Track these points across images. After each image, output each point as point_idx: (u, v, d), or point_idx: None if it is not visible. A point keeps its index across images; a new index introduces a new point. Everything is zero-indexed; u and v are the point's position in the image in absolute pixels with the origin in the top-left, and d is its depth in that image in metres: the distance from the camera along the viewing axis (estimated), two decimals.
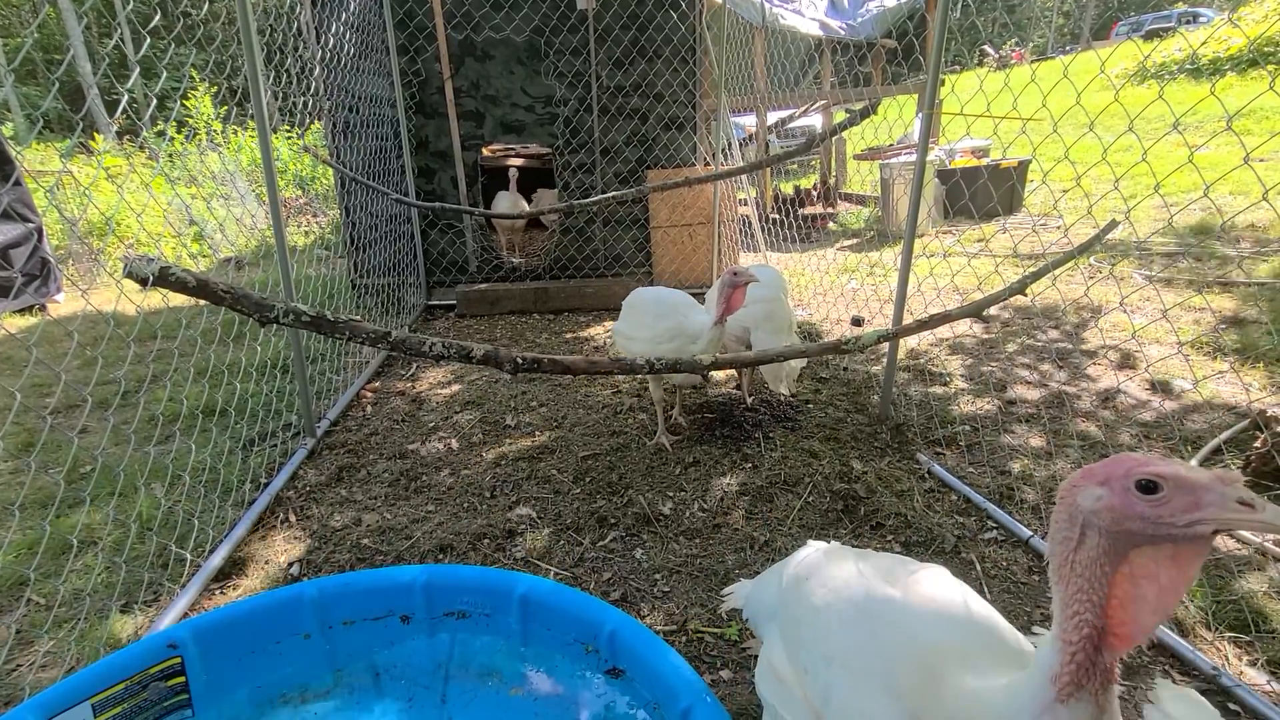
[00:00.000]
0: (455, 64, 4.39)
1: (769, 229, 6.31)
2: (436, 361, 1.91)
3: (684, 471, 2.48)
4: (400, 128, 4.37)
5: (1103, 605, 0.67)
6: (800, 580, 1.02)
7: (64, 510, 2.29)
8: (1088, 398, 2.86)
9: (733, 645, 1.69)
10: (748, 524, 2.15)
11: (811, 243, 6.85)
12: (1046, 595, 1.81)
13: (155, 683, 1.27)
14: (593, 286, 4.66)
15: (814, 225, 7.67)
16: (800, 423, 2.81)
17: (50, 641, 1.70)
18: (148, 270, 1.67)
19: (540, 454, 2.64)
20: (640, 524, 2.17)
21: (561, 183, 4.70)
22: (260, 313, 1.75)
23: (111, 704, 1.21)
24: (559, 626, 1.44)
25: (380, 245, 4.09)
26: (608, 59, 4.45)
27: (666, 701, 1.24)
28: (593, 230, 4.82)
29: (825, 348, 2.13)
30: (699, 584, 1.90)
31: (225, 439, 2.62)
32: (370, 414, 3.05)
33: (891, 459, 2.51)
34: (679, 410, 2.89)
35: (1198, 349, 3.20)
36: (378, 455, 2.66)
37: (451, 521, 2.21)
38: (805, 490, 2.31)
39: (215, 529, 2.11)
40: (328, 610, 1.46)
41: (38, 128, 1.96)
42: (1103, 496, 0.66)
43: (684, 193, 4.72)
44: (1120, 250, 4.69)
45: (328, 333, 1.83)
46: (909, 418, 2.76)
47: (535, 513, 2.25)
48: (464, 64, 4.40)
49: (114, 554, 1.97)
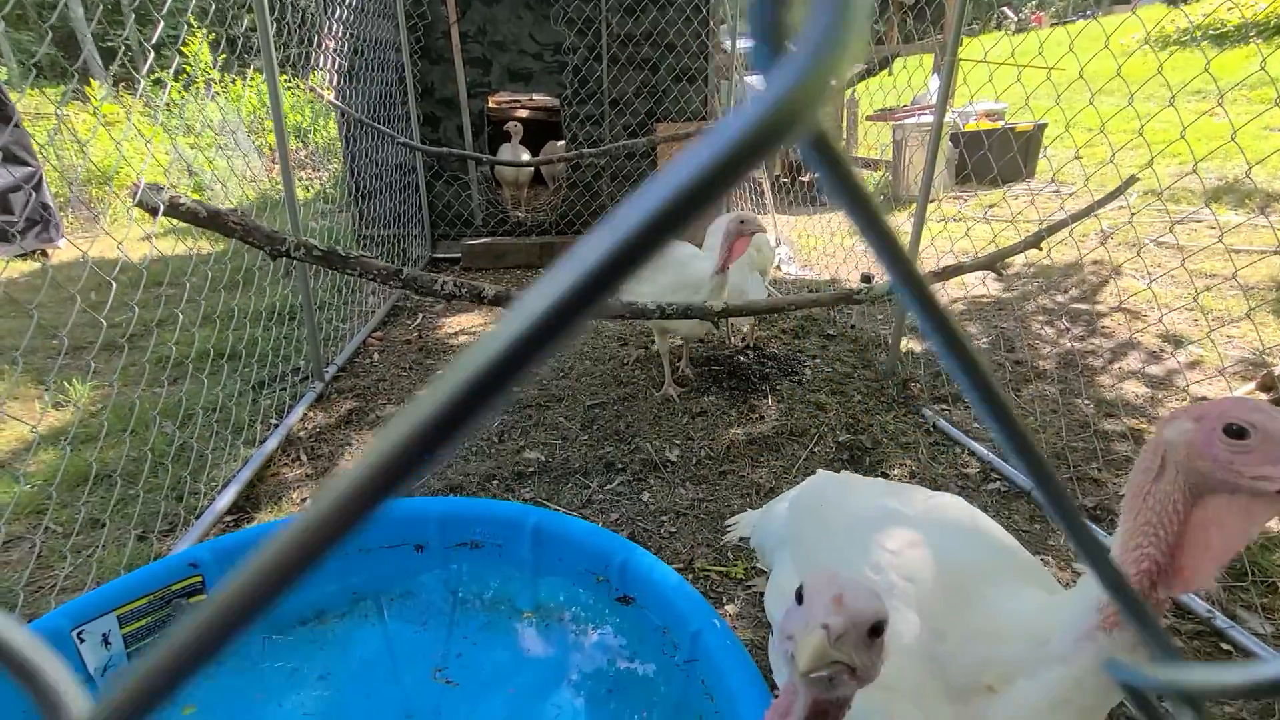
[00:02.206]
0: (461, 7, 4.26)
1: (778, 191, 6.22)
2: (447, 301, 1.90)
3: (691, 421, 2.49)
4: (405, 73, 4.27)
5: (1169, 543, 0.65)
6: (814, 503, 1.03)
7: (76, 445, 2.31)
8: (1099, 357, 2.86)
9: (738, 583, 1.73)
10: (754, 471, 2.18)
11: (820, 205, 6.76)
12: (1048, 544, 1.84)
13: (178, 599, 1.30)
14: None
15: (823, 189, 7.55)
16: (807, 377, 2.81)
17: (70, 566, 1.73)
18: (158, 200, 1.65)
19: (548, 402, 2.65)
20: (647, 469, 2.20)
21: (569, 134, 4.61)
22: (271, 245, 1.74)
23: (136, 616, 1.24)
24: (570, 557, 1.47)
25: (384, 195, 4.04)
26: (619, 5, 4.31)
27: (676, 626, 1.27)
28: (600, 185, 4.75)
29: (838, 297, 2.12)
30: (705, 526, 1.93)
31: (235, 380, 2.63)
32: (377, 361, 3.06)
33: (897, 413, 2.52)
34: (686, 362, 2.90)
35: (1209, 314, 3.19)
36: (385, 400, 2.68)
37: (460, 463, 2.24)
38: (811, 441, 2.33)
39: (228, 465, 2.14)
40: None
41: (32, 76, 1.91)
42: (1189, 431, 0.63)
43: None
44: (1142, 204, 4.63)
45: (339, 268, 1.82)
46: (916, 375, 2.77)
47: (543, 457, 2.28)
48: (470, 7, 4.27)
49: (128, 486, 2.00)
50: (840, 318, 3.49)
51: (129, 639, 1.24)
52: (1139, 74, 1.81)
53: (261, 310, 3.22)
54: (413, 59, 4.28)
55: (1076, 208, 2.21)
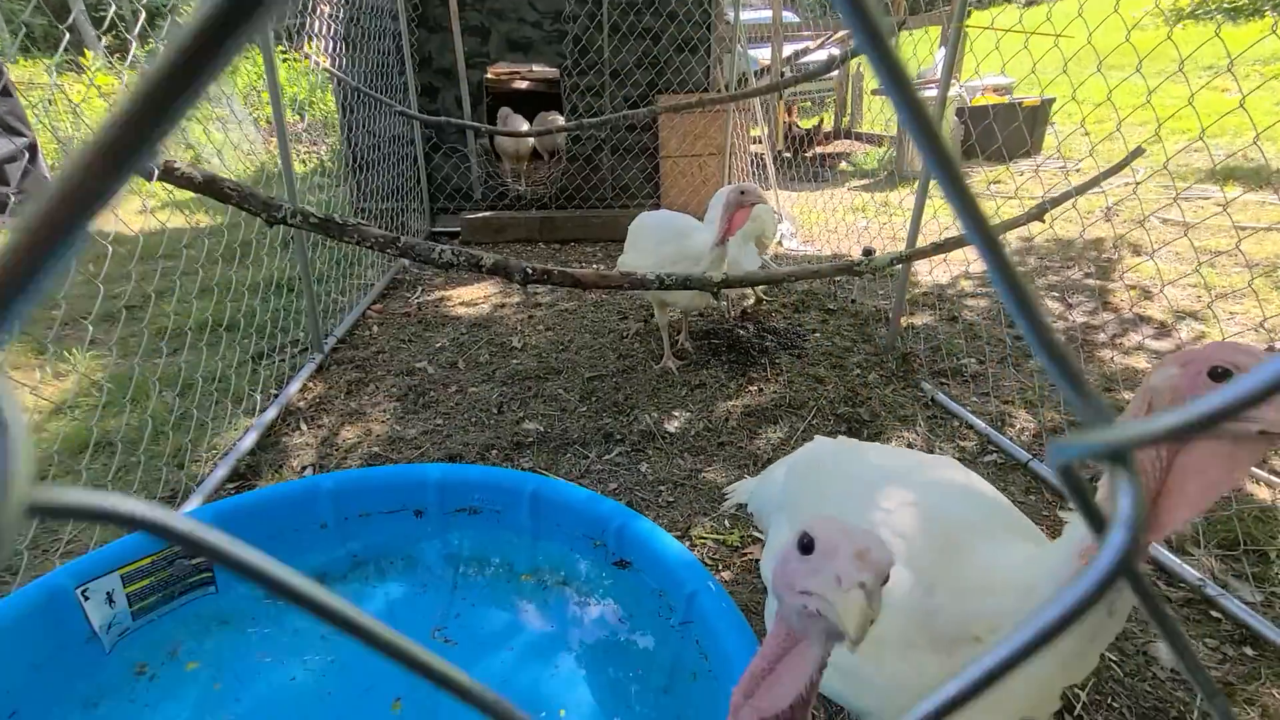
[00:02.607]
0: None
1: (780, 166, 6.15)
2: (445, 269, 1.89)
3: (689, 393, 2.50)
4: (402, 41, 4.19)
5: (1152, 489, 0.64)
6: (810, 467, 1.04)
7: (75, 415, 2.32)
8: (1102, 332, 2.85)
9: (734, 550, 1.75)
10: (751, 443, 2.19)
11: (823, 182, 6.69)
12: (1043, 514, 1.86)
13: (180, 560, 1.32)
14: (600, 217, 4.58)
15: (825, 165, 7.48)
16: (806, 350, 2.81)
17: (74, 531, 1.75)
18: (152, 164, 1.63)
19: (547, 374, 2.66)
20: (645, 440, 2.21)
21: (569, 106, 4.54)
22: (268, 212, 1.73)
23: (140, 576, 1.26)
24: (568, 523, 1.48)
25: (382, 167, 3.99)
26: None
27: (672, 589, 1.29)
28: (600, 158, 4.70)
29: (838, 268, 2.11)
30: (702, 495, 1.95)
31: (234, 351, 2.64)
32: (377, 333, 3.06)
33: (896, 387, 2.52)
34: (685, 335, 2.89)
35: (1212, 290, 3.17)
36: (385, 372, 2.68)
37: (460, 434, 2.25)
38: (810, 413, 2.33)
39: (228, 434, 2.15)
40: (344, 502, 1.50)
41: (19, 38, 1.88)
42: (1174, 376, 0.62)
43: (695, 122, 4.57)
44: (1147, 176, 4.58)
45: (335, 235, 1.81)
46: (916, 349, 2.76)
47: (542, 428, 2.28)
48: None
49: (129, 454, 2.01)
50: (841, 292, 3.47)
51: (132, 598, 1.25)
52: (1150, 48, 1.77)
53: (260, 282, 3.22)
54: (410, 27, 4.20)
55: (1081, 182, 2.19)
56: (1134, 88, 2.23)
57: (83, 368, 2.58)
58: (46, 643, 1.14)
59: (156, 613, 1.28)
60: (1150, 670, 1.42)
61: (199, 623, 1.30)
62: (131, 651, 1.22)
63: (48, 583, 1.15)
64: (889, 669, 0.76)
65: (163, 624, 1.28)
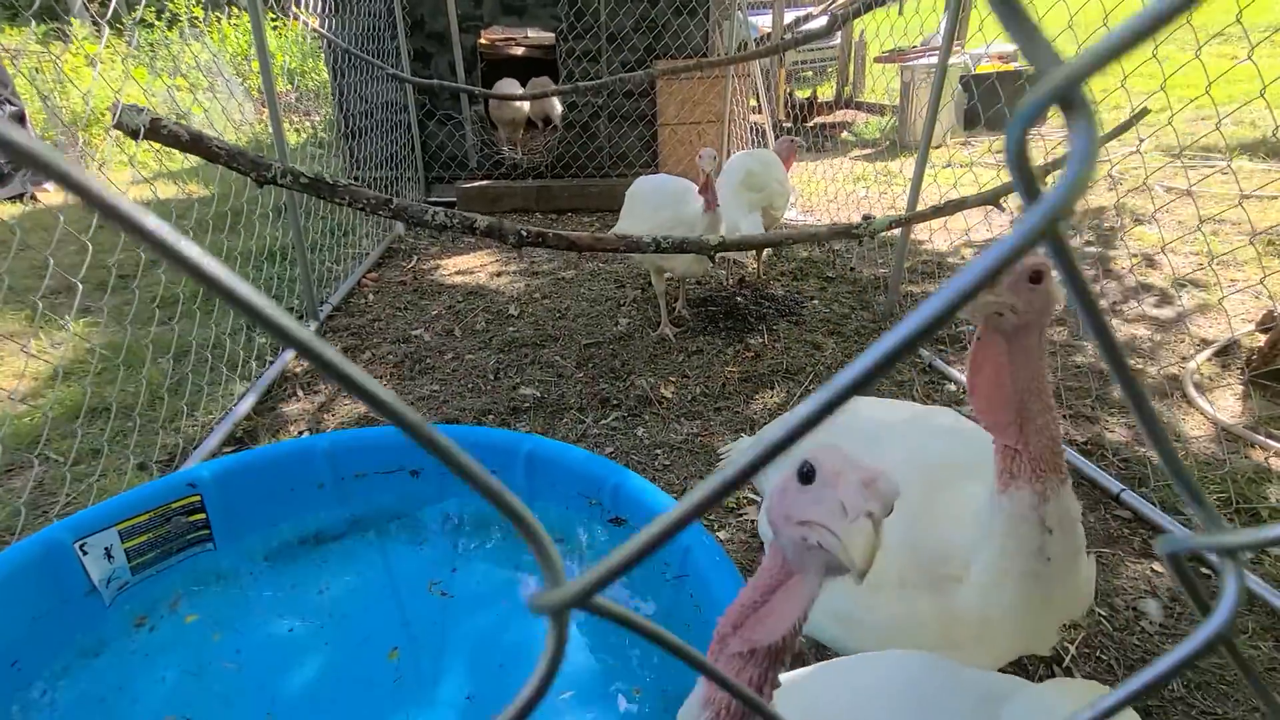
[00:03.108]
0: None
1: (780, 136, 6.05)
2: (439, 231, 1.87)
3: (687, 359, 2.49)
4: (394, 3, 4.09)
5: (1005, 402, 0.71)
6: None
7: (71, 381, 2.32)
8: (1104, 299, 2.84)
9: (729, 511, 1.76)
10: (748, 407, 2.19)
11: (824, 152, 6.60)
12: None
13: (177, 516, 1.32)
14: (597, 186, 4.52)
15: (826, 134, 7.37)
16: (804, 317, 2.80)
17: (72, 494, 1.76)
18: (139, 121, 1.60)
19: (544, 341, 2.65)
20: (642, 405, 2.21)
21: (565, 72, 4.45)
22: (257, 171, 1.70)
23: (138, 532, 1.27)
24: (564, 482, 1.49)
25: (375, 134, 3.93)
26: None
27: (667, 544, 1.29)
28: (597, 126, 4.62)
29: (835, 231, 2.09)
30: (699, 459, 1.95)
31: (229, 318, 2.62)
32: (372, 301, 3.04)
33: None
34: (682, 303, 2.88)
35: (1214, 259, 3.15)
36: (381, 339, 2.67)
37: (456, 399, 2.25)
38: (807, 379, 2.33)
39: (224, 399, 2.15)
40: (340, 462, 1.51)
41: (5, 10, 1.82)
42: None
43: (694, 88, 4.49)
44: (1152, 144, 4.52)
45: (326, 196, 1.78)
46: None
47: (539, 393, 2.28)
48: None
49: (125, 419, 2.01)
50: (840, 260, 3.45)
51: (131, 553, 1.26)
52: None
53: (252, 249, 3.19)
54: None
55: None
56: (1140, 55, 2.18)
57: (78, 331, 2.57)
58: (47, 595, 1.15)
59: (155, 568, 1.29)
60: (1139, 624, 1.44)
61: (197, 578, 1.31)
62: (131, 605, 1.24)
63: (45, 537, 1.16)
64: (884, 611, 0.77)
65: (161, 579, 1.29)
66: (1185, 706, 1.27)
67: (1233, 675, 1.32)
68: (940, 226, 3.47)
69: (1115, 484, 1.77)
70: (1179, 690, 1.30)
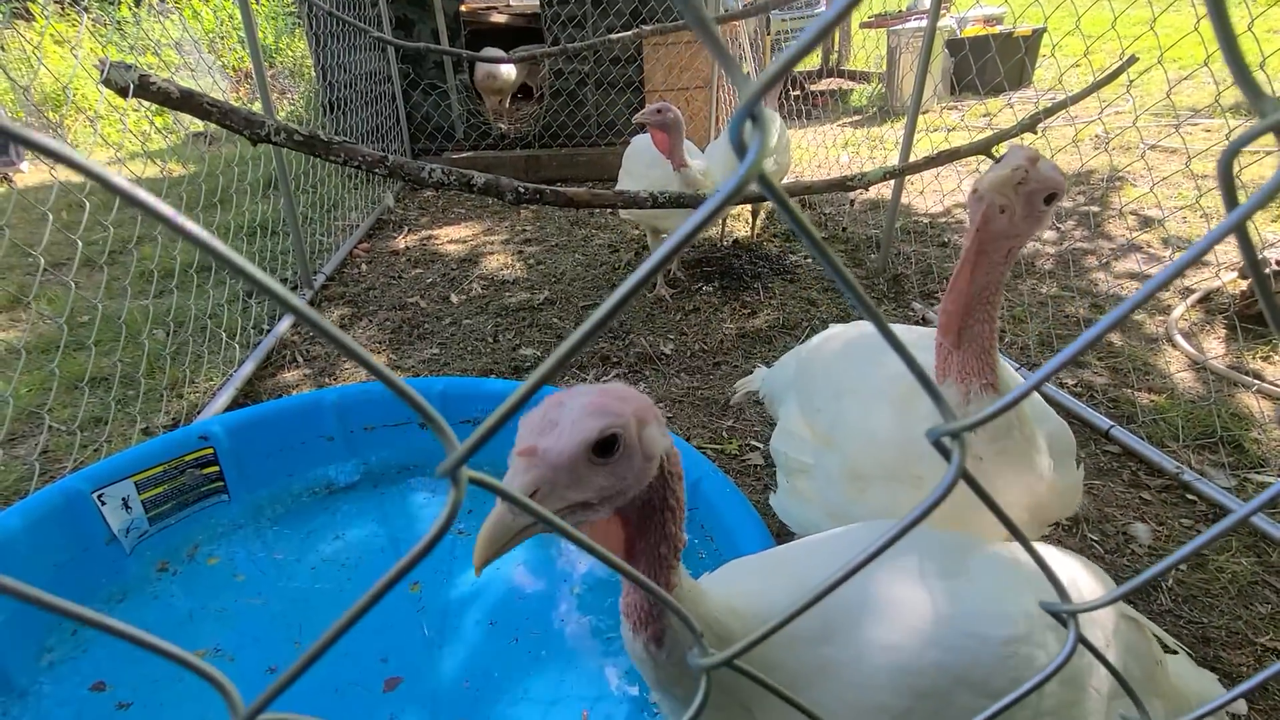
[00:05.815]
0: None
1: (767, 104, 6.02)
2: (436, 189, 1.86)
3: (684, 318, 2.51)
4: None
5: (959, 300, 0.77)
6: (820, 344, 1.07)
7: (68, 355, 2.30)
8: (1098, 257, 2.89)
9: (733, 458, 1.80)
10: (747, 361, 2.22)
11: (812, 120, 6.58)
12: None
13: (191, 469, 1.34)
14: (585, 156, 4.49)
15: (814, 102, 7.33)
16: (799, 275, 2.82)
17: (80, 459, 1.76)
18: (127, 78, 1.57)
19: (541, 305, 2.66)
20: (643, 362, 2.23)
21: (550, 38, 4.39)
22: (250, 129, 1.68)
23: (153, 484, 1.28)
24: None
25: (359, 104, 3.87)
26: None
27: None
28: (584, 94, 4.57)
29: (830, 184, 2.10)
30: (700, 410, 1.99)
31: (223, 289, 2.60)
32: (366, 271, 3.02)
33: (888, 308, 2.55)
34: (677, 263, 2.89)
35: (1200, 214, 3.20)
36: (378, 307, 2.67)
37: (457, 361, 2.26)
38: (803, 333, 2.36)
39: (224, 367, 2.15)
40: (348, 415, 1.52)
41: None
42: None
43: (680, 54, 4.44)
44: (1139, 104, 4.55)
45: (321, 154, 1.77)
46: (906, 273, 2.78)
47: (539, 353, 2.30)
48: None
49: (126, 388, 2.01)
50: (833, 221, 3.46)
51: (148, 504, 1.28)
52: None
53: (241, 224, 3.15)
54: None
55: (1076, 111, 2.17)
56: (1135, 17, 2.20)
57: (74, 305, 2.54)
58: (68, 544, 1.17)
59: (173, 518, 1.31)
60: (1129, 548, 1.50)
61: (215, 526, 1.33)
62: (152, 553, 1.25)
63: (64, 486, 1.17)
64: (872, 504, 0.82)
65: (180, 528, 1.30)
66: (1173, 618, 1.34)
67: (1217, 589, 1.39)
68: (934, 180, 3.48)
69: (1104, 421, 1.82)
70: (1166, 604, 1.36)
